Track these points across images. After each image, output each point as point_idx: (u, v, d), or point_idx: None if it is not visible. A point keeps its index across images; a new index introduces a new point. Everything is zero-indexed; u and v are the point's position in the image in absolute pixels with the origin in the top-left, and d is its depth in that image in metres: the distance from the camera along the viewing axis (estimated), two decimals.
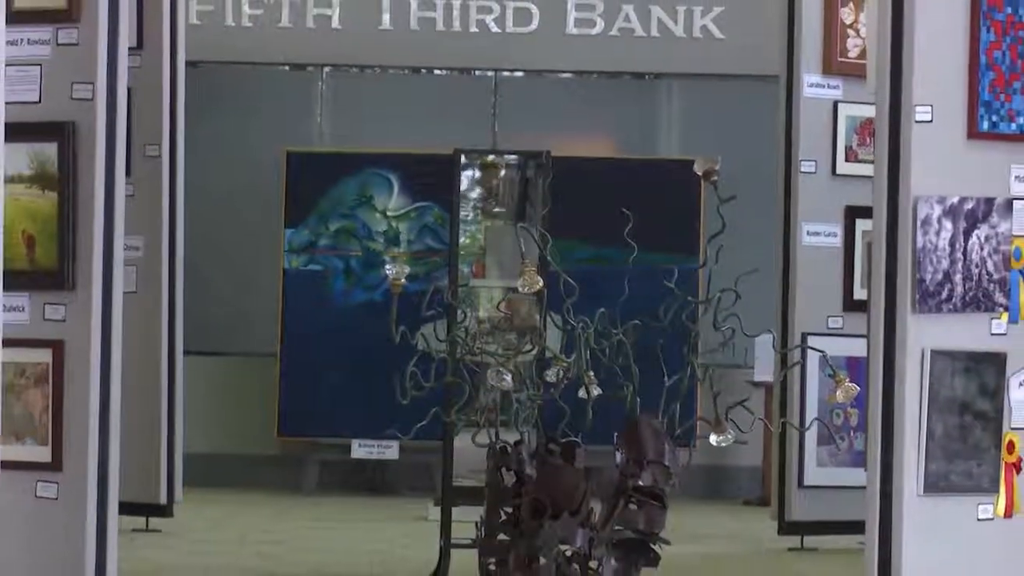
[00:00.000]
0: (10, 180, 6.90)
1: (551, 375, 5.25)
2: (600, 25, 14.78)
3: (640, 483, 4.89)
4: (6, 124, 6.04)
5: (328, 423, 13.00)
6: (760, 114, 12.01)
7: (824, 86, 10.53)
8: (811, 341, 10.18)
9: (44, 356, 7.77)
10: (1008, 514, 7.92)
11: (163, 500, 10.64)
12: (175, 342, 10.76)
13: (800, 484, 10.55)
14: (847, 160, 10.48)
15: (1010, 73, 8.04)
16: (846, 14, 10.47)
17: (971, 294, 7.97)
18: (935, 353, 7.90)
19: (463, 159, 10.89)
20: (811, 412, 10.35)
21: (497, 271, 10.77)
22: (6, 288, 6.18)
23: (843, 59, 10.52)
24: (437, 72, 15.01)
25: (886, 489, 7.92)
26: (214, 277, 12.99)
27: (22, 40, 7.62)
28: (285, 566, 10.38)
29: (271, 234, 13.61)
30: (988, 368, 8.00)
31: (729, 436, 5.15)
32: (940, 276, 7.91)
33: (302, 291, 13.58)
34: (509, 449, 4.95)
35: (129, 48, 8.35)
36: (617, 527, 4.86)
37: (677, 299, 5.11)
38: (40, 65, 7.87)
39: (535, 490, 4.86)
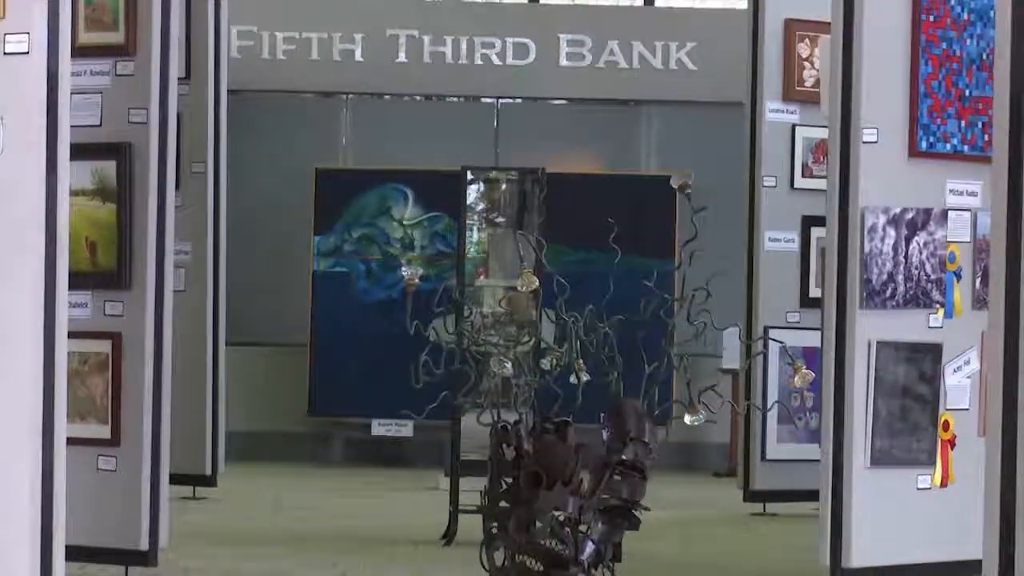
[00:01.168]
0: (75, 193, 6.86)
1: (546, 363, 5.20)
2: (589, 58, 14.77)
3: (623, 457, 4.83)
4: (72, 144, 6.00)
5: (351, 404, 12.98)
6: (727, 136, 11.97)
7: (783, 111, 10.50)
8: (772, 333, 10.16)
9: (104, 347, 7.76)
10: (944, 484, 7.90)
11: (208, 471, 10.64)
12: (218, 334, 10.74)
13: (763, 458, 10.53)
14: (803, 176, 10.46)
15: (945, 100, 8.01)
16: (803, 49, 10.44)
17: (911, 292, 7.95)
18: (880, 344, 7.88)
19: (469, 175, 10.86)
20: (772, 395, 10.33)
21: (499, 272, 10.72)
22: (71, 287, 6.12)
23: (800, 88, 10.50)
24: (447, 99, 14.98)
25: (838, 462, 7.89)
26: (252, 278, 12.95)
27: (86, 71, 7.60)
28: (315, 528, 10.36)
29: (302, 240, 13.60)
30: (926, 357, 7.98)
31: (701, 417, 5.09)
32: (884, 277, 7.88)
33: (329, 290, 13.57)
34: (509, 427, 4.89)
35: (178, 78, 8.34)
36: (603, 495, 4.80)
37: (655, 297, 5.05)
38: (101, 93, 7.84)
39: (532, 463, 4.81)
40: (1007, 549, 5.82)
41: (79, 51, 6.74)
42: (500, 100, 14.84)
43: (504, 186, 11.01)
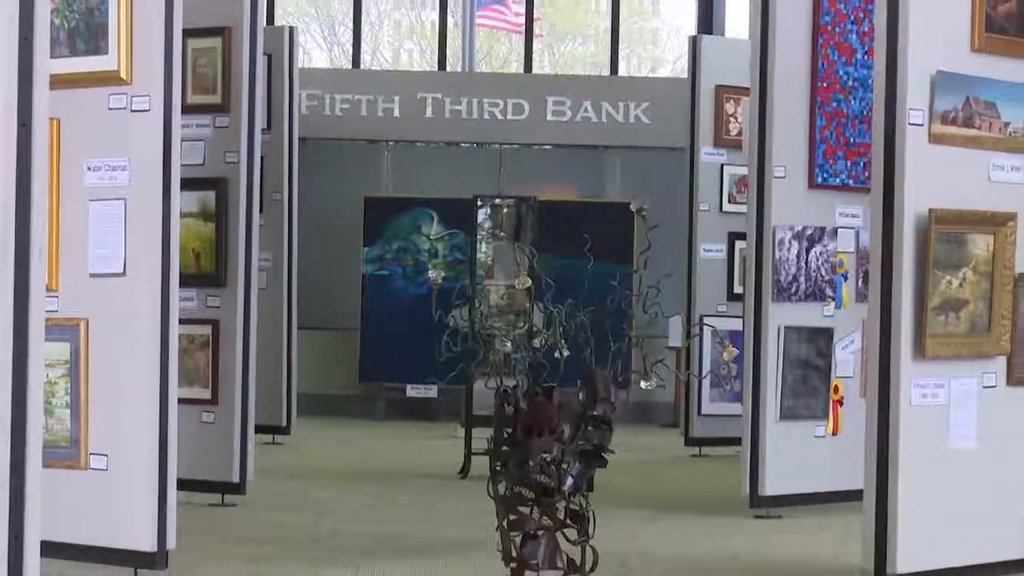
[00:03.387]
0: (185, 215, 6.86)
1: (537, 342, 5.18)
2: (568, 115, 14.75)
3: (595, 413, 4.82)
4: (182, 179, 6.01)
5: (391, 373, 12.93)
6: (673, 172, 11.94)
7: (714, 154, 10.50)
8: (706, 320, 10.16)
9: (206, 330, 7.77)
10: (835, 432, 7.92)
11: (284, 423, 10.64)
12: (291, 321, 10.73)
13: (699, 413, 10.52)
14: (729, 202, 10.44)
15: (835, 146, 8.02)
16: (729, 107, 10.44)
17: (810, 290, 7.95)
18: (786, 328, 7.89)
19: (479, 202, 10.85)
20: (706, 367, 10.31)
21: (501, 274, 10.72)
22: (181, 286, 6.13)
23: (726, 137, 10.49)
24: (462, 145, 14.98)
25: (755, 416, 7.89)
26: (317, 278, 12.90)
27: (192, 124, 7.60)
28: (364, 466, 10.35)
29: (354, 251, 13.57)
30: (821, 338, 7.99)
31: (653, 382, 5.07)
32: (790, 278, 7.88)
33: (374, 288, 13.54)
34: (509, 391, 4.87)
35: (261, 129, 8.33)
36: (580, 442, 4.79)
37: (618, 293, 5.04)
38: (204, 140, 7.84)
39: (526, 418, 4.80)
40: (883, 480, 5.82)
41: (187, 109, 6.73)
42: (502, 145, 14.82)
43: (505, 210, 11.00)
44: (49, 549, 3.96)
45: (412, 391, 11.97)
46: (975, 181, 5.90)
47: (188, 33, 6.34)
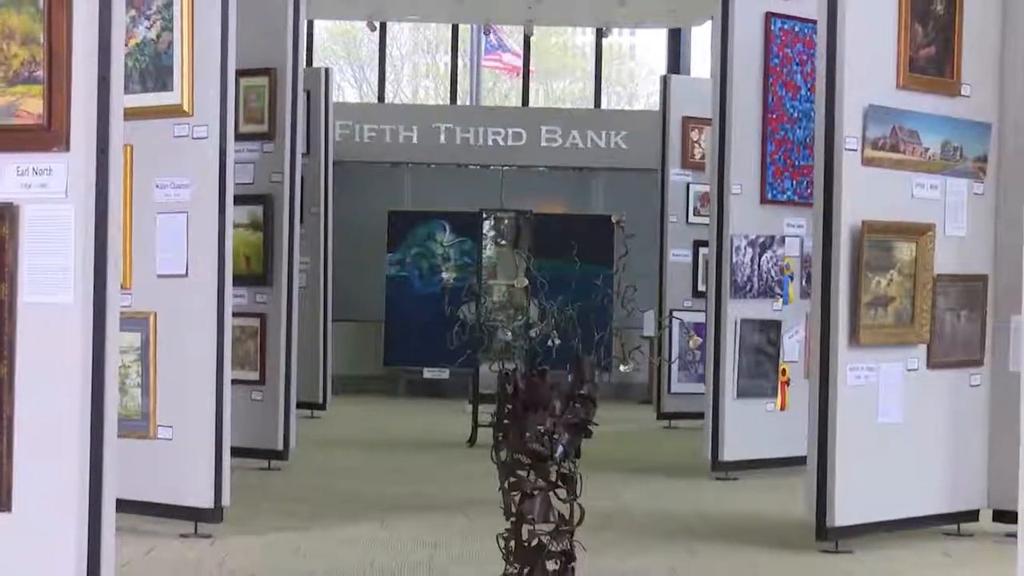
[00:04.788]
0: (237, 226, 6.83)
1: (533, 332, 5.16)
2: (559, 141, 14.74)
3: (581, 392, 4.79)
4: (234, 195, 6.00)
5: (410, 358, 12.90)
6: (647, 190, 11.93)
7: (682, 174, 10.47)
8: (675, 314, 10.17)
9: (255, 323, 7.76)
10: (782, 408, 7.89)
11: (321, 400, 10.61)
12: (327, 314, 10.71)
13: (668, 392, 10.49)
14: (694, 215, 10.40)
15: (783, 168, 8.02)
16: (694, 135, 10.40)
17: (762, 288, 7.95)
18: (742, 321, 7.88)
19: (484, 214, 10.84)
20: (675, 353, 10.30)
21: (503, 275, 10.70)
22: (234, 285, 6.12)
23: (692, 160, 10.46)
24: (469, 167, 14.96)
25: (716, 395, 7.89)
26: (348, 279, 12.88)
27: (243, 149, 7.58)
28: (387, 436, 10.35)
29: (380, 255, 13.56)
30: (771, 329, 7.99)
31: (630, 366, 5.05)
32: (745, 278, 7.87)
33: (396, 287, 13.52)
34: (509, 373, 4.85)
35: (302, 153, 8.32)
36: (569, 416, 4.76)
37: (601, 291, 5.02)
38: (253, 163, 7.82)
39: (524, 396, 4.77)
40: (823, 447, 5.81)
41: (239, 136, 6.73)
42: (504, 167, 14.81)
43: (506, 221, 11.00)
44: (123, 506, 3.95)
45: (428, 373, 11.96)
46: (900, 197, 5.89)
47: (240, 73, 6.33)
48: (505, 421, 4.79)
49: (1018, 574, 3.48)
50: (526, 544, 4.72)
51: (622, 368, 5.05)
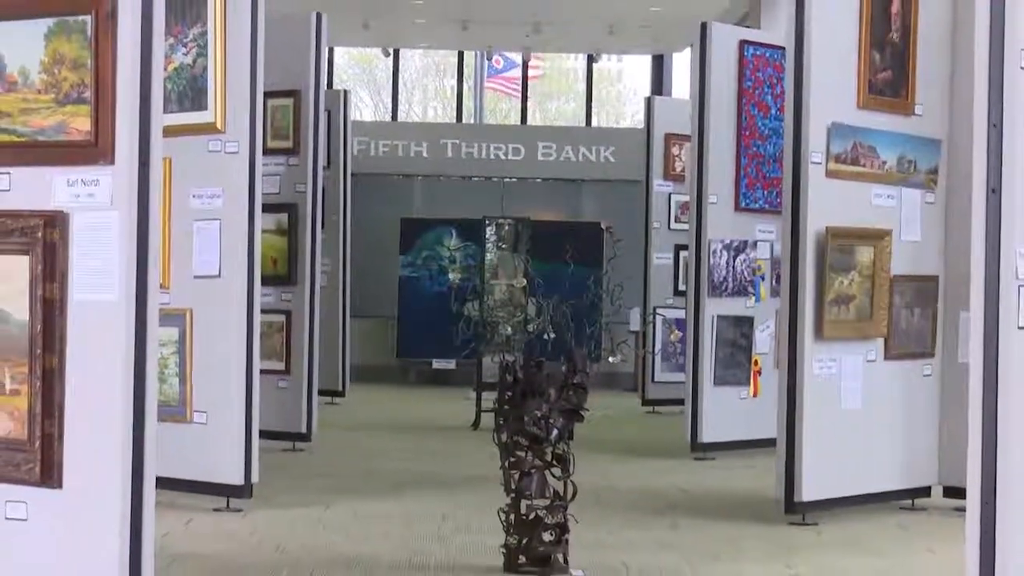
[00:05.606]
0: (265, 231, 6.82)
1: (530, 327, 5.17)
2: (554, 156, 14.78)
3: (574, 380, 4.80)
4: (263, 204, 5.99)
5: (420, 350, 12.92)
6: (633, 199, 11.94)
7: (664, 185, 10.46)
8: (658, 311, 10.17)
9: (281, 318, 7.76)
10: (755, 395, 7.91)
11: (340, 388, 10.61)
12: (346, 311, 10.71)
13: (652, 380, 10.49)
14: (675, 222, 10.38)
15: (755, 179, 8.03)
16: (675, 150, 10.39)
17: (737, 287, 7.96)
18: (719, 317, 7.89)
19: (487, 221, 10.84)
20: (658, 345, 10.30)
21: (504, 276, 10.70)
22: (262, 284, 6.11)
23: (673, 172, 10.45)
24: (473, 179, 14.98)
25: (695, 382, 7.89)
26: (365, 279, 12.90)
27: (270, 163, 7.57)
28: (403, 418, 10.38)
29: (393, 258, 13.57)
30: (744, 324, 8.00)
31: (619, 358, 5.06)
32: (721, 279, 7.88)
33: (408, 286, 13.54)
34: (509, 364, 4.86)
35: (323, 166, 8.31)
36: (563, 402, 4.77)
37: (592, 290, 5.02)
38: (279, 175, 7.82)
39: (522, 384, 4.78)
40: (791, 430, 5.81)
41: (267, 151, 6.73)
42: (504, 179, 14.83)
43: (507, 227, 10.99)
44: (162, 483, 3.95)
45: (436, 364, 11.98)
46: (861, 205, 5.89)
47: (268, 95, 6.33)
48: (505, 407, 4.80)
49: (967, 545, 3.48)
50: (524, 517, 4.73)
51: (611, 359, 5.06)
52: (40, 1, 3.70)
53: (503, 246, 10.88)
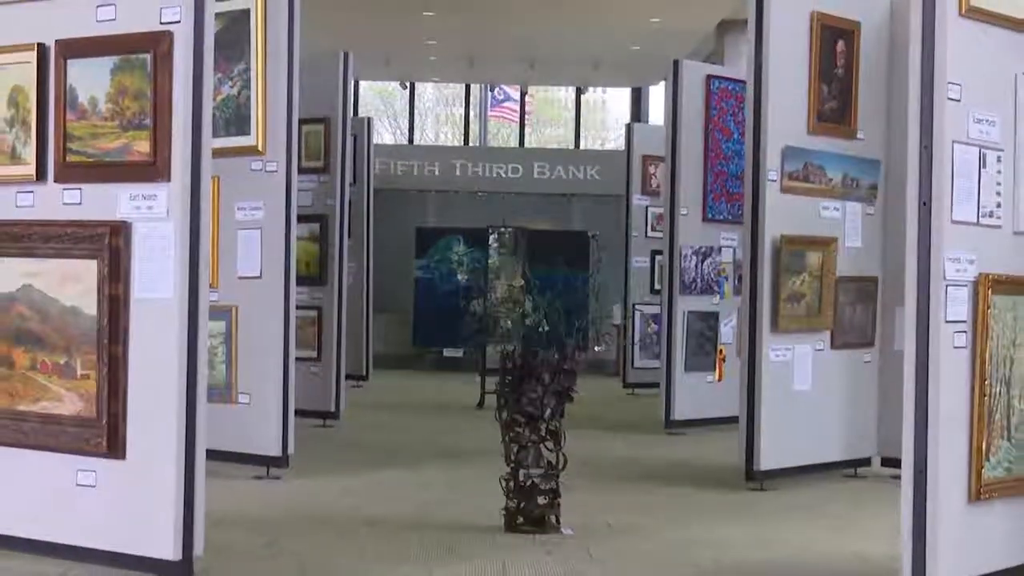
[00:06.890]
0: (300, 239, 6.82)
1: (528, 321, 5.16)
2: (548, 174, 14.78)
3: (565, 366, 4.79)
4: (298, 215, 5.97)
5: (433, 340, 12.91)
6: (615, 212, 11.88)
7: (642, 199, 10.42)
8: (637, 307, 10.14)
9: (313, 313, 7.71)
10: (720, 379, 7.87)
11: (364, 373, 10.56)
12: (369, 306, 10.66)
13: (632, 366, 10.43)
14: (652, 231, 10.35)
15: (720, 194, 8.00)
16: (652, 168, 10.37)
17: (704, 287, 7.91)
18: (689, 312, 7.85)
19: (490, 230, 10.82)
20: (637, 336, 10.26)
21: (505, 276, 10.68)
22: (297, 284, 6.09)
23: (650, 187, 10.41)
24: (479, 193, 14.96)
25: (668, 368, 7.86)
26: (385, 280, 12.86)
27: (304, 180, 7.52)
28: (418, 399, 10.33)
29: (409, 262, 13.54)
30: (711, 318, 7.96)
31: (604, 347, 5.05)
32: (691, 279, 7.84)
33: (422, 285, 13.51)
34: (509, 352, 4.85)
35: (350, 183, 8.29)
36: (555, 386, 4.76)
37: (580, 289, 5.01)
38: (312, 191, 7.79)
39: (520, 370, 4.77)
40: (751, 409, 5.80)
41: (301, 170, 6.71)
42: (505, 194, 14.82)
43: (507, 235, 10.98)
44: (212, 455, 3.96)
45: (447, 352, 11.96)
46: (811, 217, 5.88)
47: (302, 121, 6.31)
48: (506, 389, 4.79)
49: (902, 507, 3.49)
50: (522, 484, 4.72)
51: (597, 348, 5.06)
52: (108, 43, 3.72)
53: (504, 251, 10.87)
